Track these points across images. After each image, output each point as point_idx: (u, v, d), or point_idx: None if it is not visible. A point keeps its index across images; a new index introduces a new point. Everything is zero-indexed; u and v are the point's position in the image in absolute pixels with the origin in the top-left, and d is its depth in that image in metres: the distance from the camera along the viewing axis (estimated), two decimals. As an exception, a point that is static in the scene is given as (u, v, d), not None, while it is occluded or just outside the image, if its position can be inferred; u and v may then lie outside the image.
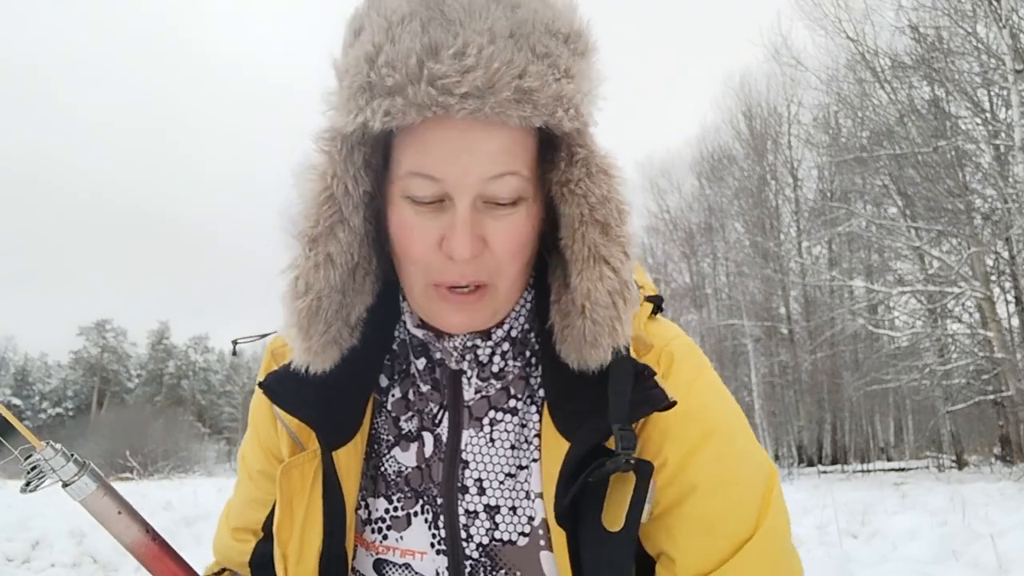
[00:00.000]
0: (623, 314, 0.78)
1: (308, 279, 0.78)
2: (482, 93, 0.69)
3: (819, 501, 9.38)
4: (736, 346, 27.78)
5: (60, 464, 0.63)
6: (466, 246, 0.74)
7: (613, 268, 0.77)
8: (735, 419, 0.86)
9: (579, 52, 0.76)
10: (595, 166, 0.77)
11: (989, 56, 15.27)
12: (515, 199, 0.77)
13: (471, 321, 0.81)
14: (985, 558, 4.60)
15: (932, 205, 16.86)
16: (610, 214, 0.77)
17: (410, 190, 0.76)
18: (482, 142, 0.73)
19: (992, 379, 17.13)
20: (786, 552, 0.83)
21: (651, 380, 0.78)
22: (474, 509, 0.85)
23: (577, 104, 0.75)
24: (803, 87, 23.66)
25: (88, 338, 73.18)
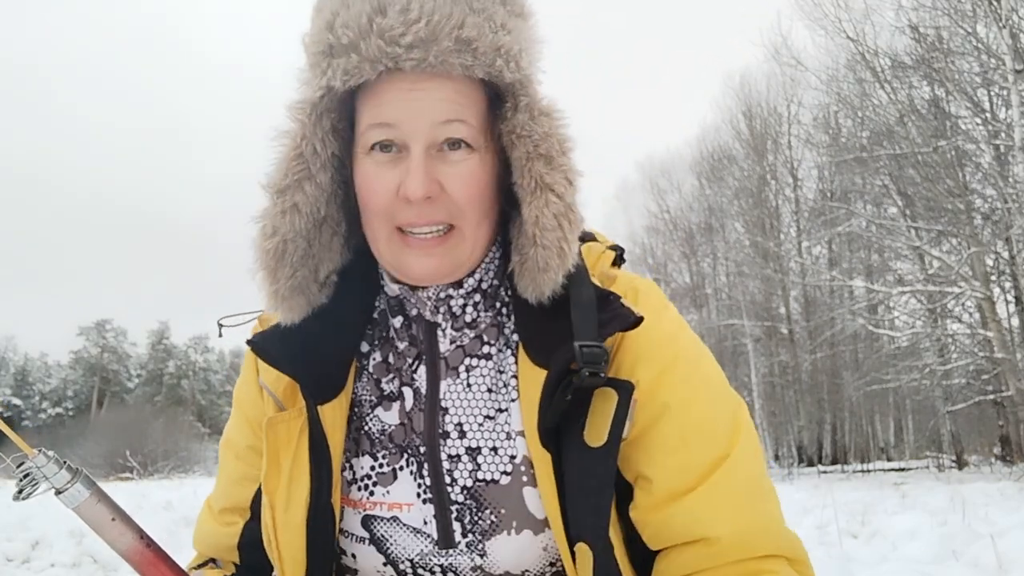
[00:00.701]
0: (568, 235, 0.84)
1: (275, 223, 0.86)
2: (425, 43, 0.78)
3: (819, 501, 9.37)
4: (736, 346, 27.77)
5: (53, 471, 0.62)
6: (419, 183, 0.81)
7: (557, 194, 0.83)
8: (702, 348, 0.92)
9: (515, 13, 0.85)
10: (537, 110, 0.85)
11: (989, 56, 15.27)
12: (466, 145, 0.84)
13: (438, 265, 0.86)
14: (985, 558, 4.60)
15: (932, 205, 16.86)
16: (552, 147, 0.84)
17: (370, 140, 0.84)
18: (431, 91, 0.81)
19: (992, 379, 17.13)
20: (763, 476, 0.86)
21: (618, 302, 0.84)
22: (456, 453, 0.89)
23: (516, 56, 0.83)
24: (803, 87, 23.70)
25: (88, 338, 73.22)
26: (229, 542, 0.99)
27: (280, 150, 0.87)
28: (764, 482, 0.85)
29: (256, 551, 0.93)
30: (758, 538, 0.82)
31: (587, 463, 0.80)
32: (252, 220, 0.88)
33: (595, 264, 0.94)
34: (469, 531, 0.88)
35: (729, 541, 0.80)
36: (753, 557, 0.81)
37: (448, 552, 0.88)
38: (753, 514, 0.82)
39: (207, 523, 1.03)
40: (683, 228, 33.00)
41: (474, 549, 0.88)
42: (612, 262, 0.97)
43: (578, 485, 0.81)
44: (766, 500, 0.85)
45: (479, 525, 0.87)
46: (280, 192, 0.86)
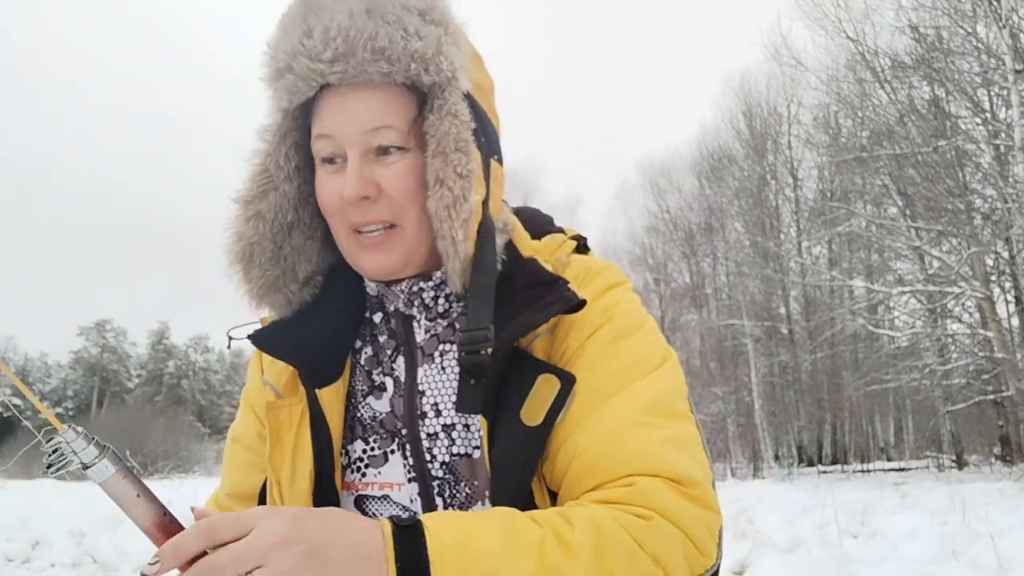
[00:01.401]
0: (457, 223, 0.89)
1: (240, 229, 0.97)
2: (345, 57, 0.87)
3: (819, 501, 9.38)
4: (736, 346, 27.78)
5: (81, 447, 0.64)
6: (353, 186, 0.89)
7: (448, 187, 0.89)
8: (638, 322, 0.95)
9: (430, 21, 0.91)
10: (446, 111, 0.91)
11: (989, 56, 15.28)
12: (394, 148, 0.91)
13: (384, 260, 0.93)
14: (985, 558, 4.60)
15: (932, 205, 16.87)
16: (447, 144, 0.90)
17: (318, 151, 0.94)
18: (357, 101, 0.90)
19: (992, 379, 17.13)
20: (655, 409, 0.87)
21: (564, 286, 0.90)
22: (434, 431, 0.95)
23: (431, 60, 0.89)
24: (803, 87, 23.72)
25: (88, 338, 73.23)
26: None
27: (249, 168, 0.98)
28: (650, 416, 0.86)
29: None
30: (624, 460, 0.82)
31: (519, 439, 0.86)
32: (223, 230, 0.98)
33: (553, 251, 1.01)
34: (449, 504, 0.94)
35: (589, 464, 0.83)
36: (618, 477, 0.82)
37: None
38: (626, 439, 0.83)
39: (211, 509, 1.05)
40: (683, 228, 33.03)
41: None
42: (574, 250, 1.03)
43: (506, 457, 0.87)
44: (652, 427, 0.85)
45: (457, 498, 0.94)
46: (246, 202, 0.97)
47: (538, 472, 0.88)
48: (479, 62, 1.01)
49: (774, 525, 6.92)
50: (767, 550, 5.28)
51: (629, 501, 0.79)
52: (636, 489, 0.80)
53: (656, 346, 0.94)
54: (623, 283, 0.99)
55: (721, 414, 26.89)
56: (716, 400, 27.08)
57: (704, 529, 0.81)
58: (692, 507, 0.81)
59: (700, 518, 0.81)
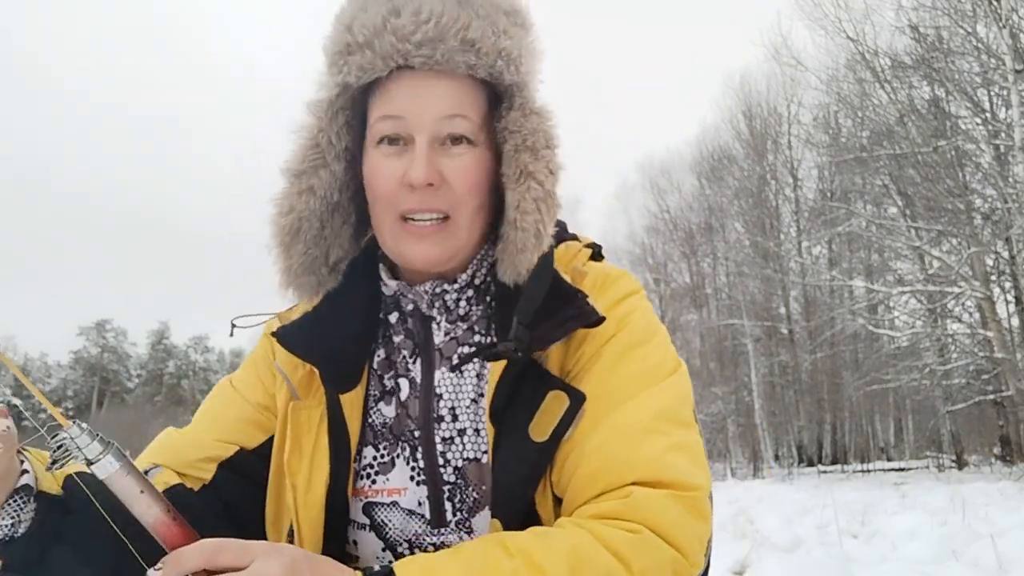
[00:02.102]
0: (546, 217, 0.89)
1: (291, 202, 0.94)
2: (433, 42, 0.86)
3: (819, 501, 9.37)
4: (736, 346, 27.78)
5: (86, 443, 0.65)
6: (422, 171, 0.88)
7: (538, 181, 0.89)
8: (651, 333, 0.95)
9: (517, 23, 0.92)
10: (529, 109, 0.92)
11: (989, 56, 15.28)
12: (466, 140, 0.91)
13: (433, 250, 0.92)
14: (985, 558, 4.59)
15: (932, 205, 16.86)
16: (538, 141, 0.91)
17: (379, 131, 0.91)
18: (436, 87, 0.89)
19: (992, 379, 17.13)
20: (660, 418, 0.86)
21: (583, 300, 0.90)
22: (450, 435, 0.95)
23: (515, 60, 0.90)
24: (803, 87, 23.73)
25: (88, 338, 73.20)
26: (209, 453, 0.97)
27: (298, 141, 0.95)
28: (658, 423, 0.85)
29: (238, 476, 0.96)
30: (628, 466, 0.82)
31: (525, 452, 0.86)
32: (269, 201, 0.95)
33: (569, 261, 1.00)
34: (458, 509, 0.93)
35: (594, 471, 0.83)
36: (621, 484, 0.81)
37: (440, 531, 0.94)
38: (632, 445, 0.83)
39: (173, 436, 1.01)
40: (683, 228, 33.02)
41: (462, 527, 0.93)
42: (589, 258, 1.03)
43: (510, 468, 0.87)
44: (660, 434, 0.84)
45: (465, 503, 0.93)
46: (297, 175, 0.94)
47: (545, 479, 0.87)
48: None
49: (774, 525, 6.91)
50: (767, 550, 5.28)
51: (622, 516, 0.79)
52: (630, 502, 0.79)
53: (667, 355, 0.94)
54: (638, 291, 0.99)
55: (721, 414, 26.89)
56: (716, 400, 27.08)
57: (696, 540, 0.81)
58: (687, 517, 0.80)
59: (693, 530, 0.81)
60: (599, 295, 0.94)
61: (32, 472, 0.82)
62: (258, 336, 1.10)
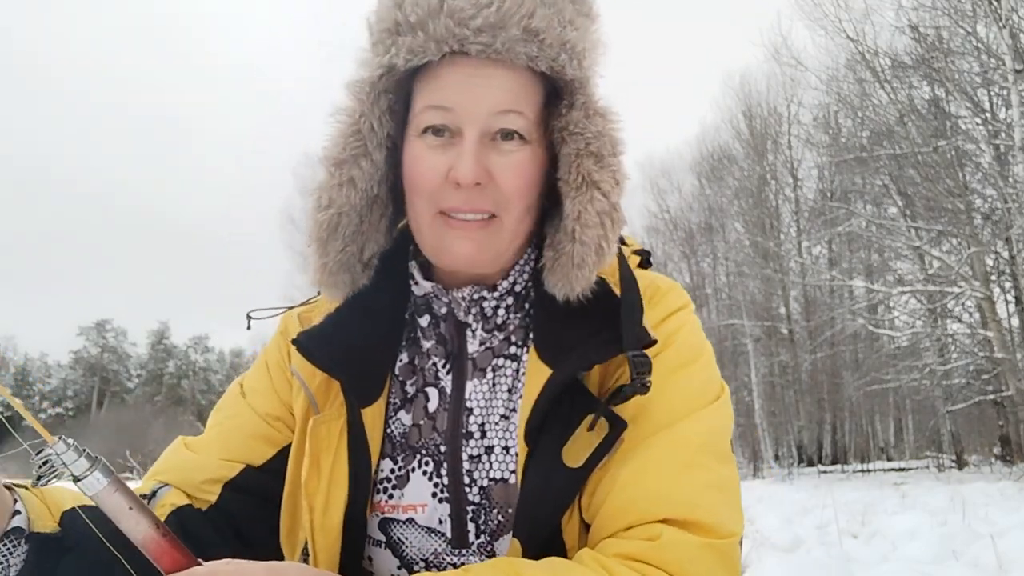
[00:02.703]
0: (610, 233, 0.83)
1: (331, 195, 0.86)
2: (494, 28, 0.78)
3: (819, 501, 9.37)
4: (736, 346, 27.75)
5: (72, 459, 0.62)
6: (471, 168, 0.80)
7: (603, 192, 0.82)
8: (699, 351, 0.90)
9: (583, 12, 0.84)
10: (592, 109, 0.84)
11: (989, 56, 15.27)
12: (519, 137, 0.83)
13: (477, 251, 0.85)
14: (985, 558, 4.59)
15: (932, 205, 16.85)
16: (603, 146, 0.83)
17: (425, 122, 0.84)
18: (492, 78, 0.81)
19: (992, 379, 17.11)
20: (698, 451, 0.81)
21: (637, 320, 0.84)
22: (477, 453, 0.89)
23: (579, 54, 0.82)
24: (803, 87, 23.70)
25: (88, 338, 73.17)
26: (214, 474, 0.92)
27: (337, 126, 0.87)
28: (700, 456, 0.80)
29: (244, 497, 0.92)
30: (661, 501, 0.77)
31: (555, 476, 0.80)
32: (308, 192, 0.89)
33: (615, 269, 0.93)
34: (482, 531, 0.88)
35: (626, 502, 0.78)
36: (652, 520, 0.77)
37: (461, 552, 0.88)
38: (669, 479, 0.78)
39: (181, 455, 0.96)
40: (683, 228, 32.98)
41: (484, 551, 0.88)
42: (637, 265, 0.97)
43: (537, 491, 0.81)
44: (699, 468, 0.80)
45: (489, 525, 0.87)
46: (338, 165, 0.86)
47: (574, 503, 0.82)
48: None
49: (774, 525, 6.91)
50: (767, 550, 5.28)
51: (648, 560, 0.73)
52: (659, 545, 0.74)
53: (713, 378, 0.88)
54: (687, 306, 0.93)
55: (721, 414, 26.84)
56: (716, 400, 27.00)
57: None
58: (715, 569, 0.75)
59: None
60: (649, 309, 0.88)
61: (24, 512, 0.78)
62: (260, 335, 1.04)
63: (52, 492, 0.83)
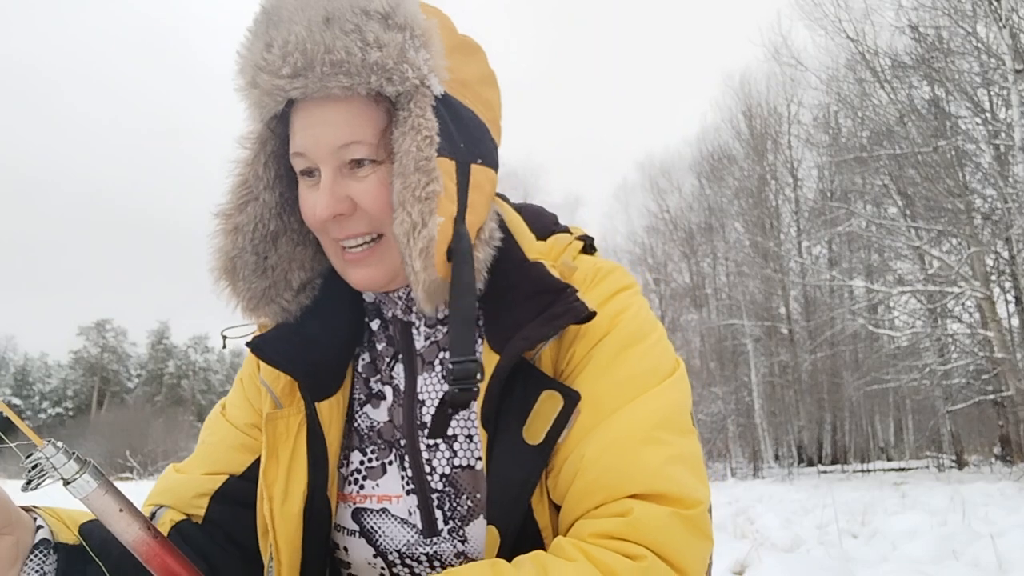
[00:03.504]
0: (414, 250, 0.84)
1: (218, 242, 0.93)
2: (305, 72, 0.82)
3: (819, 501, 9.38)
4: (736, 346, 27.76)
5: (61, 462, 0.62)
6: (324, 206, 0.86)
7: (407, 211, 0.84)
8: (645, 329, 0.91)
9: (396, 26, 0.84)
10: (409, 125, 0.85)
11: (989, 56, 15.26)
12: (366, 162, 0.87)
13: (371, 274, 0.91)
14: (985, 558, 4.59)
15: (932, 205, 16.85)
16: (407, 165, 0.84)
17: (296, 166, 0.90)
18: (325, 116, 0.85)
19: (992, 379, 17.11)
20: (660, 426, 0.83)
21: (573, 295, 0.87)
22: (434, 442, 0.93)
23: (392, 70, 0.83)
24: (803, 87, 23.71)
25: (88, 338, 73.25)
26: (201, 489, 0.97)
27: (230, 179, 0.94)
28: (659, 432, 0.82)
29: (229, 506, 0.96)
30: (629, 477, 0.79)
31: (519, 456, 0.83)
32: (205, 245, 0.95)
33: (558, 254, 0.96)
34: (450, 518, 0.91)
35: (593, 481, 0.80)
36: (621, 496, 0.79)
37: (432, 540, 0.92)
38: (632, 455, 0.80)
39: (171, 477, 1.01)
40: (683, 228, 33.00)
41: (455, 535, 0.91)
42: (582, 251, 1.00)
43: (505, 473, 0.84)
44: (660, 443, 0.82)
45: (458, 511, 0.91)
46: (225, 216, 0.93)
47: (542, 485, 0.85)
48: (470, 53, 0.94)
49: (774, 525, 6.91)
50: (767, 550, 5.27)
51: (623, 535, 0.76)
52: (631, 520, 0.76)
53: (666, 355, 0.90)
54: (631, 287, 0.95)
55: (721, 414, 26.87)
56: (716, 400, 27.07)
57: (699, 561, 0.78)
58: (690, 537, 0.78)
59: (696, 551, 0.78)
60: (589, 290, 0.91)
61: (47, 526, 0.83)
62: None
63: (65, 510, 0.89)
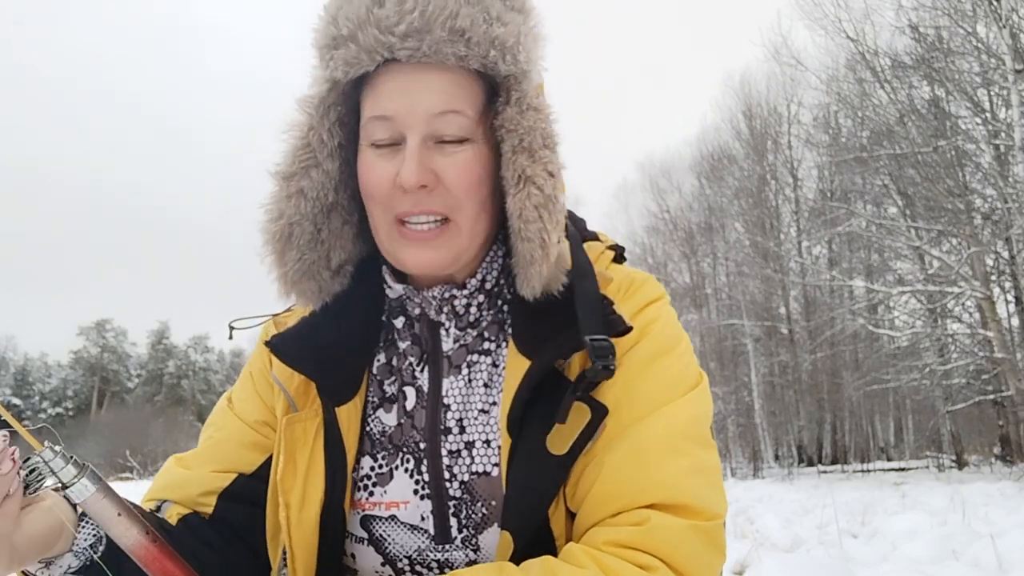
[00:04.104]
0: (548, 225, 0.83)
1: (280, 207, 0.89)
2: (419, 33, 0.80)
3: (819, 501, 9.38)
4: (736, 346, 27.75)
5: (59, 466, 0.62)
6: (413, 172, 0.82)
7: (538, 186, 0.83)
8: (674, 341, 0.91)
9: (512, 7, 0.85)
10: (526, 104, 0.85)
11: (989, 56, 15.26)
12: (461, 137, 0.85)
13: (433, 257, 0.87)
14: (985, 558, 4.59)
15: (932, 205, 16.85)
16: (534, 140, 0.84)
17: (370, 133, 0.86)
18: (426, 82, 0.83)
19: (992, 379, 17.11)
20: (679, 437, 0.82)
21: (610, 308, 0.86)
22: (456, 448, 0.90)
23: (511, 49, 0.83)
24: (803, 87, 23.71)
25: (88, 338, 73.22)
26: (208, 487, 0.95)
27: (289, 141, 0.90)
28: (681, 443, 0.82)
29: (238, 505, 0.94)
30: (648, 487, 0.78)
31: (541, 465, 0.82)
32: (259, 207, 0.90)
33: (593, 264, 0.95)
34: (464, 526, 0.89)
35: (612, 489, 0.79)
36: (639, 505, 0.78)
37: (444, 547, 0.89)
38: (654, 465, 0.80)
39: (176, 473, 0.98)
40: (683, 228, 32.98)
41: (468, 544, 0.89)
42: (613, 260, 0.98)
43: (524, 481, 0.82)
44: (682, 455, 0.81)
45: (472, 519, 0.89)
46: (287, 178, 0.89)
47: (559, 493, 0.84)
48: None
49: (774, 525, 6.91)
50: (767, 550, 5.27)
51: (638, 545, 0.75)
52: (647, 531, 0.75)
53: (691, 367, 0.90)
54: (662, 297, 0.94)
55: (721, 414, 26.85)
56: (716, 400, 27.05)
57: (711, 575, 0.77)
58: (704, 551, 0.77)
59: (709, 565, 0.77)
60: (623, 301, 0.90)
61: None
62: (257, 336, 1.06)
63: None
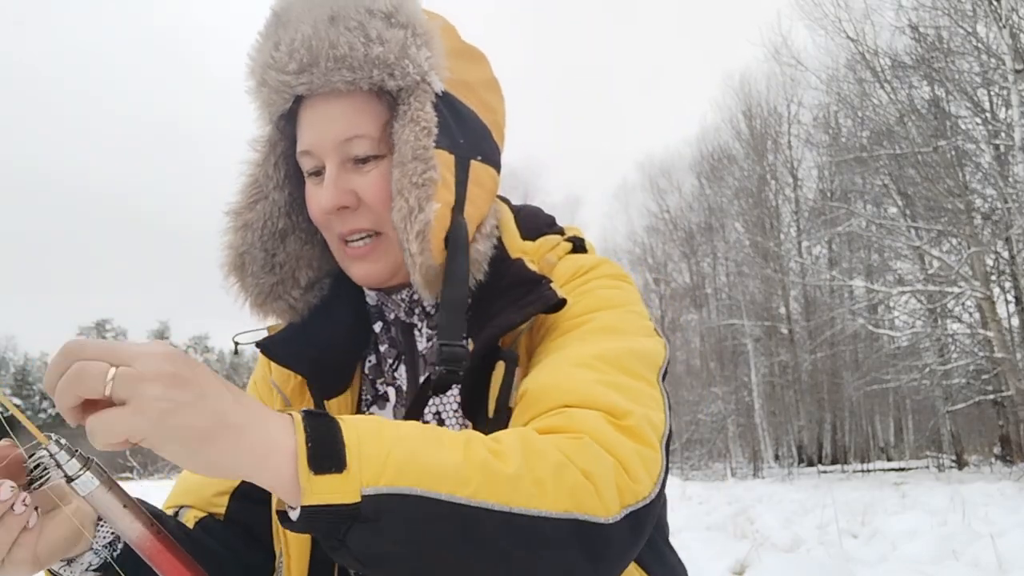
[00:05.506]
0: (410, 234, 0.87)
1: (229, 239, 0.97)
2: (309, 67, 0.87)
3: (819, 501, 9.38)
4: (736, 346, 27.76)
5: (64, 459, 0.63)
6: (329, 198, 0.89)
7: (404, 198, 0.87)
8: (624, 299, 0.93)
9: (398, 24, 0.89)
10: (409, 118, 0.89)
11: (989, 56, 15.27)
12: (371, 155, 0.91)
13: (371, 270, 0.94)
14: (985, 558, 4.59)
15: (932, 205, 16.85)
16: (405, 154, 0.88)
17: (304, 165, 0.94)
18: (329, 112, 0.89)
19: (992, 379, 17.12)
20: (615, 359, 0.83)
21: (546, 286, 0.89)
22: None
23: (393, 65, 0.88)
24: (803, 87, 23.74)
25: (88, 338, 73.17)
26: (220, 488, 1.00)
27: (241, 179, 0.99)
28: (596, 362, 0.82)
29: (247, 503, 0.98)
30: (560, 393, 0.78)
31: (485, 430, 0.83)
32: (216, 243, 0.98)
33: (543, 253, 0.98)
34: None
35: (527, 399, 0.80)
36: (552, 408, 0.78)
37: None
38: (566, 375, 0.80)
39: (190, 478, 1.03)
40: (683, 228, 33.01)
41: None
42: (570, 251, 1.00)
43: None
44: (595, 370, 0.81)
45: None
46: (235, 214, 0.98)
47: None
48: (472, 59, 0.99)
49: (774, 525, 6.91)
50: (767, 550, 5.27)
51: (561, 428, 0.74)
52: (568, 415, 0.75)
53: (638, 322, 0.90)
54: (610, 275, 0.96)
55: (721, 414, 26.88)
56: (716, 400, 27.08)
57: (637, 458, 0.74)
58: (625, 438, 0.75)
59: (633, 448, 0.74)
60: (568, 282, 0.93)
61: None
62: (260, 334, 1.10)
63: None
